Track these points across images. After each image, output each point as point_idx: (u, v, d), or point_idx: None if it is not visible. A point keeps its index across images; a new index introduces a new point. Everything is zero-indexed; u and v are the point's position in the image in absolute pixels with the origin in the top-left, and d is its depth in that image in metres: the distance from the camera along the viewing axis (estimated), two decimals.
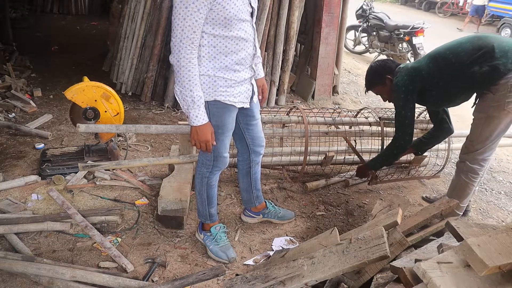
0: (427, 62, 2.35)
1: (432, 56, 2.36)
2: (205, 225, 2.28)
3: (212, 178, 2.17)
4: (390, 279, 1.61)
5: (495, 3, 12.04)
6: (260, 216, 2.53)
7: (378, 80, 2.54)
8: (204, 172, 2.14)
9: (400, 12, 14.09)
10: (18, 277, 1.96)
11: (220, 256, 2.18)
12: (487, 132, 2.28)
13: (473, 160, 2.38)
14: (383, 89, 2.55)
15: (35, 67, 5.25)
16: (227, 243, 2.24)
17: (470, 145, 2.37)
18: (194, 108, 1.79)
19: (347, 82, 5.84)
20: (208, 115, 1.88)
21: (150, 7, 4.36)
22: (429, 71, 2.32)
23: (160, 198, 2.48)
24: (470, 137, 2.37)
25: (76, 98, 2.84)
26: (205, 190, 2.19)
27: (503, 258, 1.27)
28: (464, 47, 2.23)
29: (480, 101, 2.30)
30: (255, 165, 2.36)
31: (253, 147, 2.26)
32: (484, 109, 2.26)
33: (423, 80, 2.33)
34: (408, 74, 2.36)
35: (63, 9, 9.39)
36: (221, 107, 1.90)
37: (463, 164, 2.42)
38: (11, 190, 2.67)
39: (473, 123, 2.35)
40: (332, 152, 3.04)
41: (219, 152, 2.05)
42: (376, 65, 2.59)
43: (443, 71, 2.29)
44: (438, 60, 2.31)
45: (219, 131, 1.96)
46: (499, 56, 2.13)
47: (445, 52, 2.30)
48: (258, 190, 2.47)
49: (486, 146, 2.32)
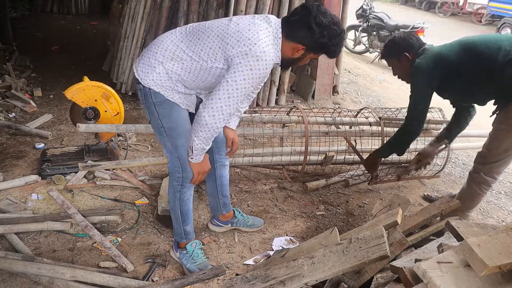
0: (457, 50, 2.19)
1: (464, 45, 2.20)
2: (180, 243, 2.16)
3: (185, 193, 2.04)
4: (390, 279, 1.62)
5: (495, 3, 12.04)
6: (229, 226, 2.44)
7: (394, 54, 2.39)
8: (175, 186, 2.01)
9: (400, 12, 14.09)
10: (18, 277, 1.96)
11: None
12: (507, 144, 2.20)
13: (488, 172, 2.30)
14: (397, 64, 2.40)
15: (35, 67, 5.25)
16: (205, 260, 2.13)
17: (488, 156, 2.28)
18: (200, 155, 1.86)
19: (347, 82, 5.83)
20: (158, 117, 1.86)
21: (150, 7, 4.36)
22: (458, 60, 2.17)
23: (160, 198, 2.48)
24: (488, 147, 2.28)
25: (76, 98, 2.84)
26: (178, 207, 2.06)
27: (503, 258, 1.27)
28: (500, 44, 2.08)
29: (502, 112, 2.21)
30: (221, 167, 2.26)
31: (215, 147, 2.16)
32: (507, 121, 2.18)
33: (449, 67, 2.19)
34: (433, 58, 2.20)
35: (63, 9, 9.37)
36: (167, 106, 1.84)
37: (477, 175, 2.33)
38: (11, 190, 2.67)
39: (493, 134, 2.26)
40: (332, 152, 3.04)
41: (182, 159, 1.92)
42: (397, 38, 2.41)
43: (473, 63, 2.15)
44: (470, 51, 2.16)
45: (174, 133, 1.88)
46: None
47: (480, 44, 2.14)
48: (226, 197, 2.38)
49: (503, 159, 2.24)
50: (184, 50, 1.77)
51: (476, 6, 13.74)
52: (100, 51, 5.92)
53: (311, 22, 1.70)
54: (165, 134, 1.89)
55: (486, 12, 12.86)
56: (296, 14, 1.75)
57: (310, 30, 1.71)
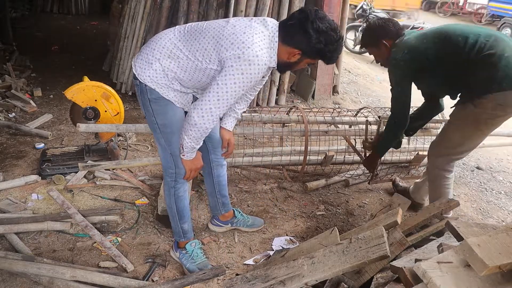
0: (433, 41, 2.16)
1: (441, 35, 2.16)
2: (179, 242, 2.16)
3: (179, 189, 2.03)
4: (390, 278, 1.62)
5: (495, 2, 12.05)
6: (229, 226, 2.44)
7: (372, 42, 2.36)
8: (169, 182, 2.01)
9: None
10: (18, 277, 1.96)
11: None
12: (458, 139, 2.23)
13: (441, 165, 2.33)
14: (377, 52, 2.37)
15: (35, 67, 5.25)
16: (204, 260, 2.12)
17: (439, 147, 2.32)
18: (192, 152, 1.88)
19: (347, 82, 5.83)
20: (153, 114, 1.86)
21: (150, 7, 4.36)
22: (435, 52, 2.14)
23: (160, 198, 2.48)
24: (439, 138, 2.33)
25: (76, 98, 2.84)
26: (174, 203, 2.06)
27: (503, 258, 1.27)
28: (476, 40, 2.05)
29: (459, 108, 2.21)
30: (218, 167, 2.26)
31: (211, 147, 2.17)
32: (461, 117, 2.19)
33: (425, 60, 2.17)
34: (409, 50, 2.17)
35: (63, 9, 9.38)
36: (163, 104, 1.85)
37: (433, 170, 2.37)
38: (11, 189, 2.67)
39: (446, 125, 2.30)
40: (332, 151, 3.04)
41: (175, 155, 1.92)
42: (373, 26, 2.36)
43: (448, 56, 2.12)
44: (446, 42, 2.13)
45: (168, 130, 1.88)
46: (502, 69, 1.99)
47: (456, 37, 2.10)
48: (224, 197, 2.37)
49: (453, 152, 2.28)
50: (181, 49, 1.77)
51: (476, 6, 13.76)
52: (100, 51, 5.92)
53: (308, 27, 1.68)
54: (159, 131, 1.90)
55: (486, 12, 12.88)
56: (293, 18, 1.74)
57: (307, 35, 1.69)
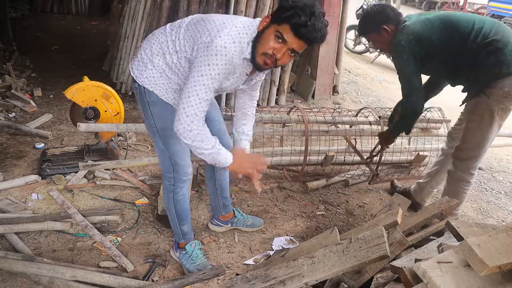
0: (439, 26, 2.14)
1: (447, 21, 2.15)
2: (179, 243, 2.16)
3: (178, 193, 2.00)
4: (390, 278, 1.62)
5: (495, 2, 12.05)
6: (229, 225, 2.44)
7: (372, 29, 2.31)
8: (167, 186, 1.99)
9: (400, 11, 14.04)
10: (18, 277, 1.96)
11: None
12: (478, 137, 2.21)
13: (465, 169, 2.31)
14: (377, 38, 2.32)
15: (35, 67, 5.24)
16: (204, 260, 2.12)
17: (463, 149, 2.29)
18: (217, 155, 1.67)
19: (347, 81, 5.83)
20: (152, 117, 1.83)
21: (150, 7, 4.36)
22: (440, 37, 2.12)
23: (160, 198, 2.48)
24: (463, 140, 2.29)
25: (76, 98, 2.84)
26: (173, 207, 2.04)
27: (503, 258, 1.27)
28: (481, 26, 2.06)
29: (473, 104, 2.22)
30: (220, 170, 2.24)
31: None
32: (477, 112, 2.19)
33: (429, 46, 2.15)
34: (414, 36, 2.14)
35: (63, 9, 9.36)
36: (161, 106, 1.81)
37: (455, 172, 2.36)
38: (11, 189, 2.67)
39: (466, 125, 2.28)
40: (333, 152, 3.04)
41: (174, 159, 1.89)
42: (372, 11, 2.31)
43: (453, 42, 2.11)
44: (451, 28, 2.12)
45: (166, 133, 1.83)
46: (509, 54, 2.03)
47: (462, 24, 2.10)
48: (225, 199, 2.37)
49: (477, 155, 2.26)
50: (169, 44, 1.73)
51: (476, 6, 13.73)
52: (100, 51, 5.92)
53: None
54: (158, 134, 1.87)
55: (486, 12, 12.84)
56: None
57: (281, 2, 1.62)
